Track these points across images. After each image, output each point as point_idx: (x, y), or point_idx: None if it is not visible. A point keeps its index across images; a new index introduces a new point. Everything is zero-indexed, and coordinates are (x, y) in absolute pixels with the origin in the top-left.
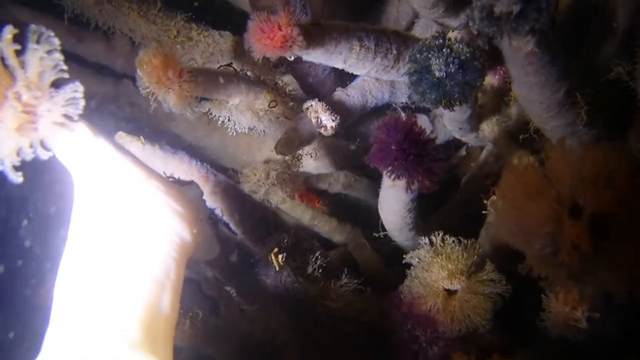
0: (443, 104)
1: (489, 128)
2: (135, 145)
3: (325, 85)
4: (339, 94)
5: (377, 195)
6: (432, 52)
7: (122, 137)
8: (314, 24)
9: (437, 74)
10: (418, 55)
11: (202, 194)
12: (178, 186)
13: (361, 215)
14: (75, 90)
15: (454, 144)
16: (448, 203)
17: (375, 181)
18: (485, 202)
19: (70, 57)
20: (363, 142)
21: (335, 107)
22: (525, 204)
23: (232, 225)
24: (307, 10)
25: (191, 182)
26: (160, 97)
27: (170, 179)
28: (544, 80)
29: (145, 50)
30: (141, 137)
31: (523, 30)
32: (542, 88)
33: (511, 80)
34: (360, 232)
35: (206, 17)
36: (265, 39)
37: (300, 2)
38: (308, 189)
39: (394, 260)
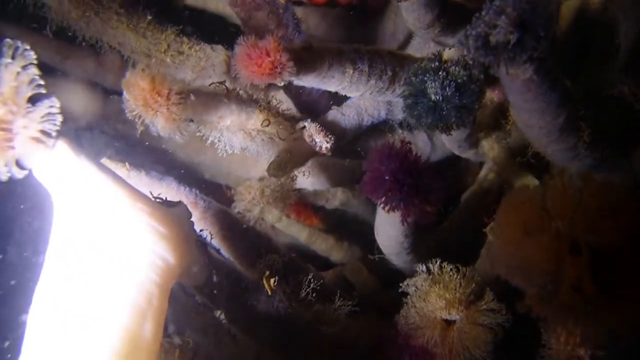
0: (439, 129)
1: (488, 145)
2: (119, 171)
3: (319, 104)
4: (334, 113)
5: (375, 211)
6: (427, 75)
7: (106, 163)
8: (304, 48)
9: (433, 97)
10: (413, 78)
11: (190, 215)
12: (165, 207)
13: (359, 232)
14: (52, 105)
15: (453, 160)
16: (447, 221)
17: None
18: (485, 220)
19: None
20: (359, 159)
21: (330, 127)
22: (523, 240)
23: (222, 251)
24: (300, 29)
25: (179, 203)
26: (148, 121)
27: (158, 200)
28: (544, 106)
29: (132, 71)
30: (126, 163)
31: (520, 60)
32: (542, 114)
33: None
34: (358, 250)
35: (198, 30)
36: (252, 65)
37: (293, 21)
38: (305, 205)
39: (391, 282)
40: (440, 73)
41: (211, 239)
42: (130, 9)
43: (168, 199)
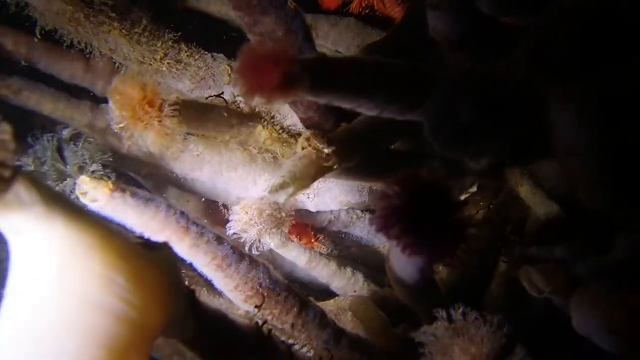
0: (470, 157)
1: (509, 170)
2: (101, 192)
3: (329, 120)
4: (344, 129)
5: (380, 234)
6: (457, 93)
7: (85, 182)
8: (318, 60)
9: (462, 119)
10: (440, 96)
11: (176, 259)
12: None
13: (363, 258)
14: (3, 132)
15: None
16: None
17: None
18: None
19: (44, 77)
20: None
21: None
22: None
23: (216, 284)
24: (311, 38)
25: (163, 246)
26: (137, 135)
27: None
28: None
29: (120, 77)
30: (110, 181)
31: None
32: None
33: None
34: (361, 278)
35: (198, 37)
36: (258, 77)
37: (304, 29)
38: (305, 226)
39: (400, 317)
40: (473, 89)
41: (202, 270)
42: (125, 13)
43: (156, 224)
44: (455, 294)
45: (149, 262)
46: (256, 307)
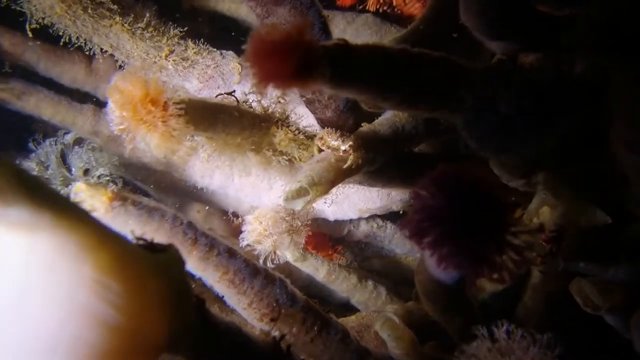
0: (510, 153)
1: (546, 174)
2: (99, 201)
3: (347, 120)
4: (364, 130)
5: (402, 243)
6: (498, 80)
7: (81, 190)
8: (339, 46)
9: (503, 111)
10: (477, 85)
11: (183, 263)
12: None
13: (385, 269)
14: None
15: None
16: None
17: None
18: (539, 260)
19: (43, 81)
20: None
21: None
22: None
23: (228, 300)
24: (328, 30)
25: (169, 247)
26: (139, 137)
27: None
28: None
29: (120, 74)
30: (109, 189)
31: None
32: None
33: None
34: (384, 291)
35: (205, 34)
36: (271, 63)
37: (320, 19)
38: (323, 235)
39: (428, 334)
40: (517, 77)
41: (214, 284)
42: (126, 7)
43: (162, 236)
44: (485, 306)
45: (151, 265)
46: (272, 319)
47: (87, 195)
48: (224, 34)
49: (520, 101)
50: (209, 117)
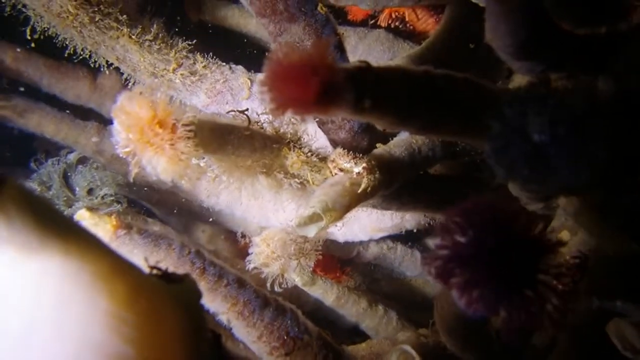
0: (540, 184)
1: (567, 199)
2: (102, 229)
3: (362, 142)
4: (379, 151)
5: (412, 266)
6: (529, 106)
7: (83, 217)
8: (361, 69)
9: (535, 138)
10: (507, 110)
11: (199, 295)
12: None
13: (396, 293)
14: None
15: None
16: None
17: (412, 248)
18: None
19: (46, 98)
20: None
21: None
22: None
23: (237, 333)
24: (343, 48)
25: (185, 277)
26: (146, 161)
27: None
28: None
29: (126, 94)
30: (114, 216)
31: None
32: None
33: None
34: (395, 317)
35: (214, 49)
36: (291, 89)
37: (335, 38)
38: (331, 258)
39: None
40: (551, 102)
41: (227, 322)
42: (134, 19)
43: (168, 265)
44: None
45: (168, 297)
46: (286, 354)
47: (91, 224)
48: (232, 48)
49: (554, 128)
50: (219, 139)
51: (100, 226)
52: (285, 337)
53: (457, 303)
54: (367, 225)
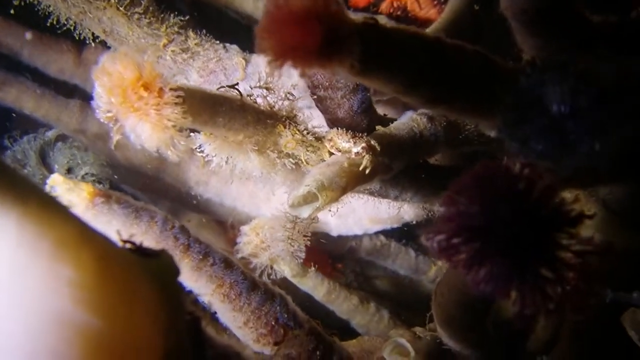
0: (555, 162)
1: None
2: (78, 196)
3: (361, 123)
4: (379, 132)
5: (406, 264)
6: (549, 75)
7: (57, 182)
8: (369, 25)
9: (554, 109)
10: (524, 78)
11: (177, 272)
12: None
13: (388, 291)
14: None
15: None
16: None
17: (405, 246)
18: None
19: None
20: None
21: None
22: None
23: (221, 317)
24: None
25: (161, 253)
26: (129, 127)
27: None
28: None
29: (109, 55)
30: (89, 184)
31: None
32: None
33: None
34: (386, 315)
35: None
36: (291, 38)
37: None
38: (323, 252)
39: None
40: (571, 71)
41: (207, 297)
42: None
43: (149, 241)
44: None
45: (141, 271)
46: (275, 344)
47: (64, 189)
48: (227, 29)
49: (575, 98)
50: (209, 109)
51: (75, 192)
52: (274, 324)
53: (464, 282)
54: (362, 217)
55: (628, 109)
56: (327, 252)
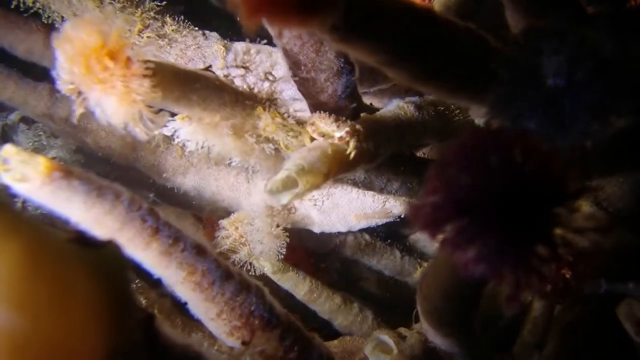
0: (550, 141)
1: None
2: (34, 169)
3: (345, 109)
4: (364, 118)
5: (391, 264)
6: (545, 41)
7: (10, 153)
8: None
9: (550, 82)
10: (517, 49)
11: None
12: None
13: (372, 291)
14: None
15: None
16: None
17: (391, 246)
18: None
19: None
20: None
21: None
22: None
23: (192, 308)
24: None
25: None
26: (93, 100)
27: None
28: None
29: (71, 21)
30: (47, 157)
31: None
32: None
33: None
34: (370, 315)
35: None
36: None
37: None
38: (304, 251)
39: None
40: (570, 39)
41: (176, 285)
42: None
43: (112, 221)
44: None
45: (82, 263)
46: (243, 342)
47: (18, 161)
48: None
49: (573, 69)
50: (183, 85)
51: (30, 165)
52: (248, 316)
53: (452, 266)
54: (346, 213)
55: (630, 85)
56: (309, 251)
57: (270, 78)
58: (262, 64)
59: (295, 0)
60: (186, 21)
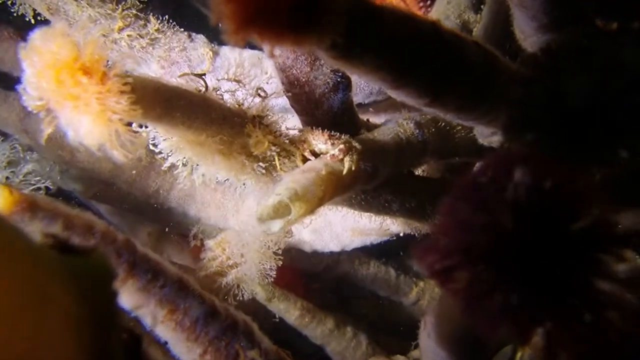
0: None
1: None
2: None
3: (341, 125)
4: (361, 136)
5: (386, 285)
6: (566, 60)
7: None
8: None
9: (573, 102)
10: (537, 67)
11: (111, 276)
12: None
13: (365, 312)
14: None
15: None
16: None
17: (386, 265)
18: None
19: None
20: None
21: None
22: None
23: (173, 348)
24: None
25: (93, 251)
26: (64, 119)
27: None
28: None
29: (42, 30)
30: (10, 188)
31: None
32: None
33: None
34: (364, 340)
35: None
36: (257, 3)
37: None
38: (295, 271)
39: None
40: (594, 59)
41: (156, 325)
42: None
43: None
44: None
45: (61, 271)
46: None
47: None
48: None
49: (600, 90)
50: (165, 102)
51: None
52: (235, 357)
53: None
54: (340, 232)
55: None
56: (300, 272)
57: (262, 94)
58: (255, 78)
59: (292, 15)
60: (171, 21)
